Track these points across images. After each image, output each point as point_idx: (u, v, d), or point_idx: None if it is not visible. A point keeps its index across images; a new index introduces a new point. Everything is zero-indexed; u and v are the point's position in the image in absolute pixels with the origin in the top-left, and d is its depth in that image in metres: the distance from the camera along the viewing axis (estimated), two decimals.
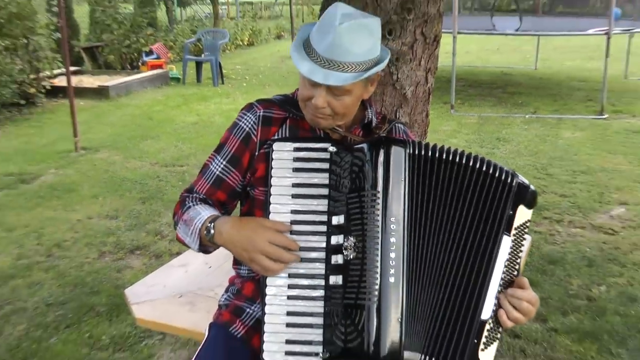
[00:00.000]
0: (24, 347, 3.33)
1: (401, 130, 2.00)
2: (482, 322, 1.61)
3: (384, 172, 1.60)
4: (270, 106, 1.89)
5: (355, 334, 1.56)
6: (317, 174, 1.68)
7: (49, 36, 9.43)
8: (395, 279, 1.57)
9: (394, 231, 1.58)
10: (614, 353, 3.24)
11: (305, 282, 1.66)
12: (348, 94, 1.72)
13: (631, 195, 5.61)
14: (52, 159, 6.90)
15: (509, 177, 1.64)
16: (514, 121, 8.58)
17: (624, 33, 10.79)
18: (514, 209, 1.63)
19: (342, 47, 1.65)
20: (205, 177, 1.92)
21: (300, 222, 1.67)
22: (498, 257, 1.62)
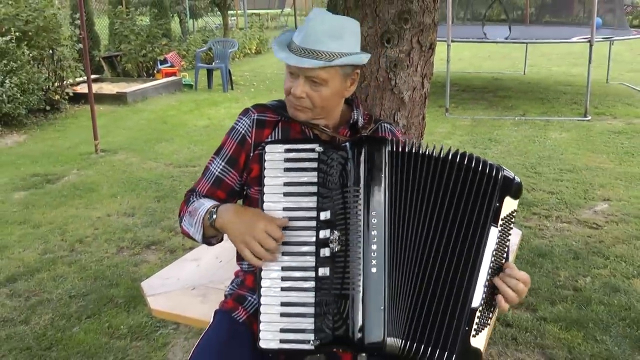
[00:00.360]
0: (49, 336, 3.33)
1: (387, 129, 2.00)
2: (472, 310, 1.60)
3: (365, 169, 1.61)
4: (264, 110, 1.91)
5: (341, 322, 1.58)
6: (307, 173, 1.69)
7: (72, 47, 9.44)
8: (377, 269, 1.58)
9: (375, 225, 1.60)
10: (598, 340, 3.21)
11: (297, 274, 1.67)
12: (325, 85, 1.75)
13: (613, 191, 5.58)
14: (74, 160, 6.90)
15: (493, 170, 1.62)
16: (505, 123, 8.54)
17: (605, 41, 10.78)
18: (501, 201, 1.62)
19: (315, 36, 1.71)
20: (206, 177, 1.95)
21: (292, 219, 1.68)
22: (486, 247, 1.61)
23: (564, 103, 9.96)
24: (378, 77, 2.47)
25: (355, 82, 1.86)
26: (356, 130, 1.92)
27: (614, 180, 5.89)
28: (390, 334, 1.57)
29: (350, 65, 1.78)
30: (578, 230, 4.70)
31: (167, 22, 14.18)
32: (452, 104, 9.44)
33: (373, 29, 2.42)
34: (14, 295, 3.80)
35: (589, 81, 8.91)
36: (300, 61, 1.71)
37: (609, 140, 7.53)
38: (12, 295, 3.81)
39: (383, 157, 1.63)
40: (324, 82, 1.74)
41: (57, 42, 9.05)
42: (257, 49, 18.61)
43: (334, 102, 1.82)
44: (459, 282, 1.60)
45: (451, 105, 9.36)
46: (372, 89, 2.48)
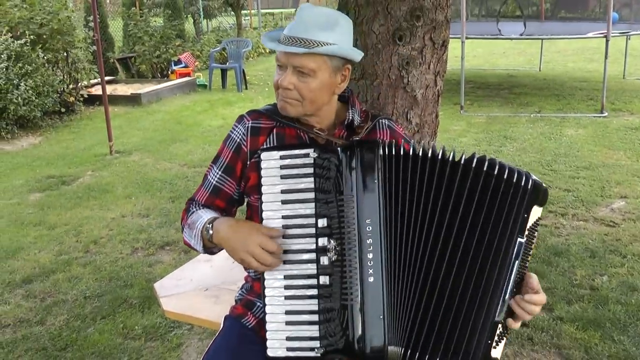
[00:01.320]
0: (65, 337, 3.35)
1: (385, 125, 1.96)
2: (495, 323, 1.58)
3: (357, 175, 1.59)
4: (258, 117, 1.89)
5: (341, 333, 1.58)
6: (303, 179, 1.66)
7: (86, 49, 9.49)
8: (374, 278, 1.57)
9: (370, 232, 1.58)
10: (616, 340, 3.17)
11: (300, 282, 1.65)
12: (313, 76, 1.73)
13: (631, 189, 5.51)
14: (89, 162, 6.93)
15: (522, 178, 1.56)
16: (520, 120, 8.47)
17: (621, 36, 10.66)
18: (528, 211, 1.57)
19: (303, 25, 1.71)
20: (204, 186, 1.95)
21: (292, 227, 1.66)
22: (512, 260, 1.57)
23: (580, 99, 9.87)
24: (390, 75, 2.45)
25: (346, 78, 1.83)
26: (353, 129, 1.88)
27: (631, 177, 5.81)
28: (391, 342, 1.57)
29: (339, 57, 1.76)
30: (595, 228, 4.64)
31: (181, 22, 14.22)
32: (467, 102, 9.38)
33: (385, 27, 2.40)
34: (30, 296, 3.83)
35: (605, 77, 8.81)
36: (285, 48, 1.71)
37: (626, 136, 7.44)
38: (27, 296, 3.83)
39: (376, 161, 1.60)
40: (312, 72, 1.72)
41: (71, 45, 9.11)
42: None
43: (323, 96, 1.79)
44: (482, 295, 1.57)
45: (466, 102, 9.30)
46: (384, 87, 2.46)
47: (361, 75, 2.47)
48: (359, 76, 2.48)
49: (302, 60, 1.71)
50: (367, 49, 2.43)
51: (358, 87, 2.49)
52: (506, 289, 1.57)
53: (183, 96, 11.16)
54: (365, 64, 2.45)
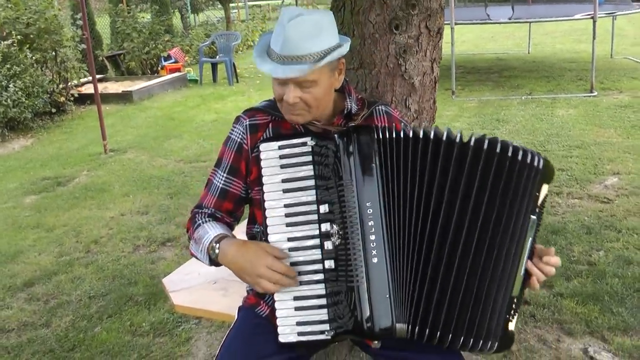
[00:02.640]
0: (71, 338, 3.36)
1: (382, 111, 2.00)
2: (512, 298, 1.63)
3: (355, 160, 1.64)
4: (254, 114, 1.92)
5: (349, 314, 1.62)
6: (302, 167, 1.70)
7: (74, 47, 9.45)
8: (378, 259, 1.62)
9: (371, 215, 1.63)
10: (614, 312, 3.24)
11: (306, 268, 1.69)
12: (315, 85, 1.74)
13: (623, 165, 5.58)
14: (84, 161, 6.94)
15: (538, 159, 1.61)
16: (512, 103, 8.52)
17: (608, 16, 10.72)
18: (539, 189, 1.63)
19: (294, 41, 1.68)
20: (210, 191, 1.96)
21: (294, 214, 1.70)
22: (527, 237, 1.62)
23: (570, 80, 9.93)
24: (388, 63, 2.48)
25: (342, 71, 1.85)
26: (350, 118, 1.91)
27: (622, 154, 5.89)
28: (398, 320, 1.62)
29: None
30: (589, 205, 4.71)
31: (169, 18, 14.17)
32: (458, 87, 9.42)
33: (381, 16, 2.43)
34: (33, 300, 3.84)
35: (593, 57, 8.87)
36: (285, 71, 1.69)
37: (616, 114, 7.51)
38: (30, 300, 3.84)
39: (372, 145, 1.65)
40: (314, 83, 1.73)
41: (59, 44, 9.07)
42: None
43: (327, 97, 1.82)
44: (498, 272, 1.61)
45: (457, 87, 9.34)
46: (383, 76, 2.49)
47: (359, 64, 2.50)
48: (357, 66, 2.50)
49: (304, 76, 1.71)
50: (365, 38, 2.46)
51: (357, 77, 2.52)
52: (521, 264, 1.63)
53: (174, 92, 11.16)
54: (363, 54, 2.48)
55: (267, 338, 1.78)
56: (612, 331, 3.08)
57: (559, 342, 3.02)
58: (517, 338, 2.98)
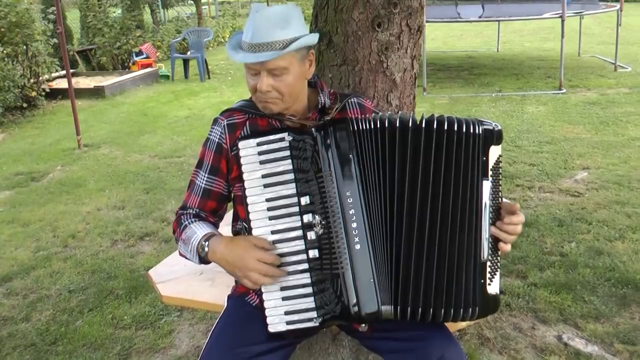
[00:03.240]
0: (53, 331, 3.37)
1: (354, 103, 2.06)
2: (483, 263, 1.69)
3: (333, 152, 1.70)
4: (231, 114, 1.98)
5: (336, 300, 1.69)
6: (281, 162, 1.75)
7: (46, 42, 9.35)
8: (360, 245, 1.68)
9: (352, 204, 1.69)
10: (586, 300, 3.36)
11: (291, 258, 1.75)
12: (287, 73, 1.80)
13: (592, 160, 5.74)
14: (57, 157, 6.89)
15: (471, 127, 1.68)
16: (482, 100, 8.66)
17: (575, 15, 10.93)
18: (486, 154, 1.69)
19: (262, 30, 1.75)
20: (194, 192, 2.01)
21: (276, 208, 1.75)
22: (483, 202, 1.69)
23: (539, 77, 10.12)
24: (370, 60, 2.54)
25: (312, 62, 1.91)
26: (324, 112, 1.97)
27: (591, 150, 6.06)
28: (384, 303, 1.69)
29: (304, 47, 1.84)
30: (560, 199, 4.84)
31: (140, 13, 14.07)
32: (429, 83, 9.54)
33: (364, 14, 2.49)
34: (11, 294, 3.83)
35: (562, 55, 9.06)
36: (257, 57, 1.76)
37: (584, 111, 7.70)
38: (9, 294, 3.83)
39: (348, 137, 1.71)
40: (285, 70, 1.79)
41: (31, 38, 8.97)
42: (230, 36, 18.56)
43: (298, 86, 1.87)
44: (466, 242, 1.68)
45: (428, 84, 9.46)
46: (366, 72, 2.55)
47: (343, 61, 2.55)
48: (340, 62, 2.56)
49: (274, 62, 1.77)
50: (348, 36, 2.52)
51: (340, 73, 2.57)
52: (483, 229, 1.69)
53: (146, 87, 11.10)
54: (347, 50, 2.53)
55: (256, 326, 1.82)
56: (584, 319, 3.19)
57: (534, 330, 3.13)
58: (493, 326, 3.10)
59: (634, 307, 3.28)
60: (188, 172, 6.00)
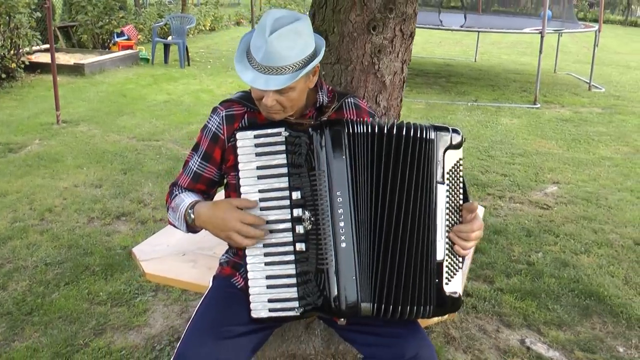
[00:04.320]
0: (29, 301, 3.40)
1: (351, 104, 2.14)
2: (439, 263, 1.79)
3: (327, 152, 1.77)
4: (230, 105, 2.05)
5: (318, 293, 1.77)
6: (276, 155, 1.82)
7: (29, 15, 9.24)
8: (346, 244, 1.76)
9: (341, 203, 1.76)
10: (550, 308, 3.49)
11: (278, 249, 1.83)
12: (292, 90, 1.85)
13: (562, 175, 5.92)
14: (35, 130, 6.84)
15: (424, 131, 1.78)
16: (458, 108, 8.82)
17: (554, 33, 11.18)
18: (441, 158, 1.79)
19: (275, 54, 1.76)
20: (185, 172, 2.12)
21: (268, 199, 1.83)
22: (438, 205, 1.79)
23: (514, 90, 10.33)
24: (363, 61, 2.63)
25: (316, 72, 1.96)
26: (322, 110, 2.05)
27: (562, 165, 6.25)
28: (363, 300, 1.77)
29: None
30: (530, 210, 5.00)
31: None
32: (406, 87, 9.61)
33: (361, 17, 2.58)
34: None
35: (539, 70, 9.28)
36: (268, 84, 1.78)
37: (557, 127, 7.92)
38: None
39: (343, 139, 1.78)
40: (291, 89, 1.84)
41: (14, 9, 8.85)
42: (211, 25, 18.53)
43: (302, 98, 1.95)
44: (422, 242, 1.78)
45: (406, 88, 9.54)
46: (357, 72, 2.64)
47: (337, 60, 2.64)
48: (334, 61, 2.65)
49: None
50: (343, 36, 2.60)
51: (333, 71, 2.66)
52: (438, 230, 1.79)
53: (126, 69, 11.04)
54: (341, 50, 2.62)
55: (240, 308, 1.90)
56: (547, 325, 3.33)
57: (498, 332, 3.25)
58: (459, 326, 3.22)
59: (595, 318, 3.43)
60: (166, 156, 6.04)
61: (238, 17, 21.42)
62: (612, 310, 3.50)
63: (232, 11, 22.43)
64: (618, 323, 3.38)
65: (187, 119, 7.66)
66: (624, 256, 4.22)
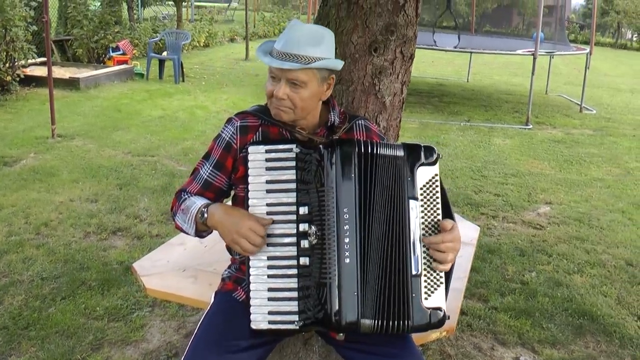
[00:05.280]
0: (26, 316, 3.39)
1: (361, 126, 2.19)
2: (415, 277, 1.83)
3: (337, 170, 1.81)
4: (245, 117, 2.10)
5: (320, 307, 1.79)
6: (286, 171, 1.88)
7: (25, 28, 9.27)
8: (350, 259, 1.79)
9: (347, 220, 1.80)
10: (544, 327, 3.54)
11: (282, 263, 1.87)
12: (304, 87, 1.93)
13: (555, 196, 6.00)
14: (30, 144, 6.85)
15: (398, 150, 1.86)
16: (451, 128, 8.91)
17: (546, 55, 11.32)
18: (412, 174, 1.86)
19: (295, 42, 1.90)
20: (196, 180, 2.14)
21: (275, 213, 1.88)
22: (410, 221, 1.83)
23: (506, 111, 10.44)
24: (364, 82, 2.69)
25: (331, 86, 2.06)
26: (333, 130, 2.11)
27: (555, 186, 6.33)
28: (363, 316, 1.79)
29: (326, 69, 1.99)
30: (523, 230, 5.06)
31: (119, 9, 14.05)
32: None
33: (363, 39, 2.64)
34: None
35: (531, 92, 9.39)
36: (282, 64, 1.90)
37: (550, 148, 8.01)
38: None
39: (353, 158, 1.83)
40: (303, 84, 1.93)
41: (10, 23, 8.87)
42: (205, 42, 18.64)
43: (312, 103, 2.01)
44: (399, 257, 1.83)
45: None
46: (359, 93, 2.70)
47: (338, 80, 2.69)
48: (336, 82, 2.68)
49: (296, 73, 1.92)
50: (345, 57, 2.66)
51: (335, 92, 2.70)
52: (413, 245, 1.83)
53: (121, 84, 11.07)
54: (343, 71, 2.67)
55: (243, 321, 1.92)
56: (541, 344, 3.37)
57: (493, 350, 3.29)
58: (454, 344, 3.26)
59: (588, 336, 3.48)
60: (161, 171, 6.07)
61: (232, 33, 21.57)
62: (605, 329, 3.55)
63: (227, 28, 22.57)
64: (611, 342, 3.43)
65: (182, 134, 7.69)
66: (616, 276, 4.27)
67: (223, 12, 30.84)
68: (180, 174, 5.97)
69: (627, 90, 14.31)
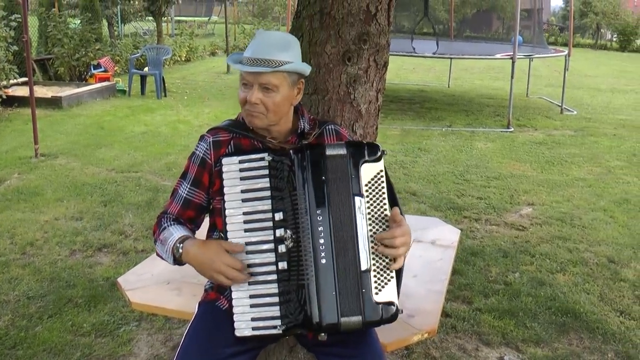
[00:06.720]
0: (12, 335, 3.40)
1: (332, 130, 2.25)
2: (363, 273, 1.87)
3: (307, 173, 1.88)
4: (217, 132, 2.16)
5: (300, 309, 1.84)
6: (260, 179, 1.94)
7: (6, 49, 9.28)
8: (326, 260, 1.85)
9: (321, 221, 1.86)
10: (528, 326, 3.59)
11: (261, 269, 1.92)
12: (276, 91, 1.99)
13: (537, 197, 6.07)
14: (14, 164, 6.85)
15: (341, 148, 1.92)
16: (433, 133, 8.98)
17: (525, 58, 11.44)
18: (356, 171, 1.91)
19: (263, 46, 1.98)
20: (175, 200, 2.18)
21: (252, 221, 1.93)
22: (357, 217, 1.88)
23: (488, 115, 10.54)
24: (339, 91, 2.74)
25: (301, 91, 2.12)
26: (303, 136, 2.16)
27: (536, 187, 6.41)
28: (343, 314, 1.84)
29: (296, 73, 2.05)
30: (506, 232, 5.12)
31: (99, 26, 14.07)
32: (381, 114, 9.72)
33: (336, 48, 2.69)
34: None
35: (511, 95, 9.49)
36: (254, 68, 1.96)
37: (531, 150, 8.11)
38: None
39: (322, 161, 1.90)
40: (275, 87, 1.99)
41: None
42: (186, 56, 18.69)
43: (284, 108, 2.06)
44: (350, 254, 1.87)
45: (381, 115, 9.66)
46: (334, 102, 2.75)
47: (314, 90, 2.74)
48: (311, 91, 2.75)
49: (267, 77, 1.98)
50: (320, 67, 2.71)
51: (311, 101, 2.76)
52: (360, 241, 1.88)
53: (103, 101, 11.08)
54: (318, 81, 2.72)
55: (226, 329, 1.96)
56: (525, 343, 3.43)
57: (477, 351, 3.34)
58: (439, 346, 3.30)
59: (572, 334, 3.54)
60: (145, 187, 6.08)
61: (213, 47, 21.64)
62: (588, 326, 3.61)
63: (207, 42, 22.63)
64: (594, 338, 3.49)
65: (166, 149, 7.71)
66: (598, 274, 4.34)
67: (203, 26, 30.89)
68: (164, 189, 5.98)
69: (608, 90, 14.49)
